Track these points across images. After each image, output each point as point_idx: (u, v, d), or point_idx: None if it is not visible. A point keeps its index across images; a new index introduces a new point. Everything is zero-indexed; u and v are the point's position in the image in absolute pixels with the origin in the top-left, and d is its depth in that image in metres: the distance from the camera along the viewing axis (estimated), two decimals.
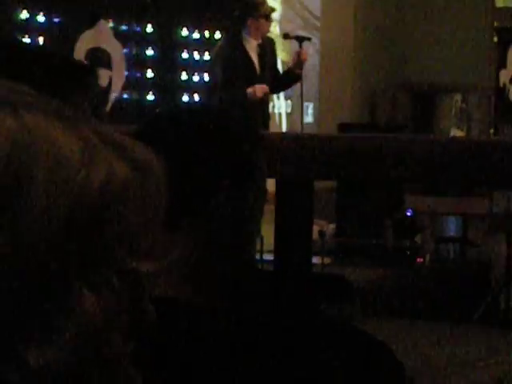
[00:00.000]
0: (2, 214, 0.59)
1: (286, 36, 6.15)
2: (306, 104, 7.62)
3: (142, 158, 0.65)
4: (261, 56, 5.71)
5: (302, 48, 5.82)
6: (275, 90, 6.15)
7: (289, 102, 7.34)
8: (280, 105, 7.30)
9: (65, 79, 0.99)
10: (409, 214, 5.22)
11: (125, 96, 5.58)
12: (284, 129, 7.35)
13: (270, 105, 7.19)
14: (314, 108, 7.58)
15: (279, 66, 7.07)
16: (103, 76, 5.12)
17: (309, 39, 5.99)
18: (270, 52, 5.85)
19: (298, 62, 5.79)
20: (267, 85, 5.72)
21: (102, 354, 0.62)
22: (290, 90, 6.36)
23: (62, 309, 0.60)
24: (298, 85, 6.01)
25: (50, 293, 0.60)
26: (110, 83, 5.28)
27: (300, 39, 5.88)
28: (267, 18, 5.64)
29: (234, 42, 5.67)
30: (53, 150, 0.60)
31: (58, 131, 0.61)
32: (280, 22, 7.24)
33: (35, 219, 0.59)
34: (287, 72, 5.97)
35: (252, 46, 5.67)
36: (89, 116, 0.65)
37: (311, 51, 7.52)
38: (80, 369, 0.61)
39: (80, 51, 5.07)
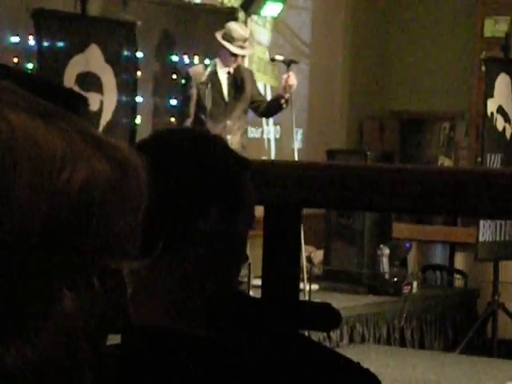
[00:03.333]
0: None
1: (273, 59, 6.26)
2: (295, 130, 7.65)
3: (124, 157, 0.64)
4: (232, 84, 5.80)
5: (289, 72, 5.89)
6: (264, 115, 6.20)
7: (278, 127, 7.36)
8: (269, 130, 7.32)
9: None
10: (408, 245, 5.25)
11: (115, 120, 5.60)
12: (273, 154, 7.37)
13: (259, 130, 7.21)
14: (303, 134, 7.61)
15: (268, 92, 7.11)
16: (94, 100, 5.13)
17: (296, 62, 6.04)
18: (246, 81, 5.91)
19: (286, 86, 5.86)
20: (237, 114, 5.81)
21: (78, 355, 0.61)
22: (279, 115, 6.39)
23: (41, 308, 0.59)
24: (287, 111, 6.04)
25: (29, 292, 0.59)
26: (100, 108, 5.29)
27: (287, 62, 5.93)
28: (235, 55, 5.75)
29: (210, 69, 5.77)
30: (35, 149, 0.60)
31: (41, 129, 0.61)
32: (269, 49, 7.28)
33: (16, 216, 0.59)
34: (276, 97, 6.04)
35: (224, 74, 5.78)
36: (71, 115, 0.64)
37: (300, 77, 7.55)
38: (56, 370, 0.60)
39: (70, 76, 5.08)
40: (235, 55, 5.77)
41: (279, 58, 6.15)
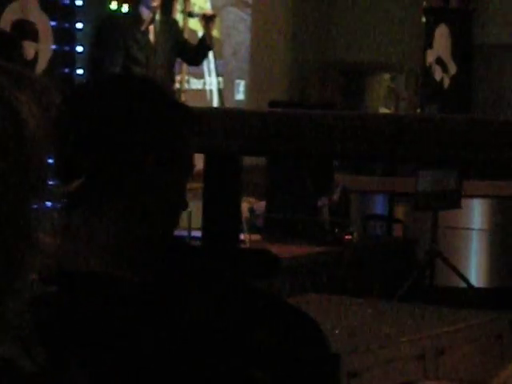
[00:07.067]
0: None
1: (190, 14, 6.26)
2: (237, 81, 7.60)
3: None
4: (156, 32, 5.71)
5: (210, 18, 5.85)
6: (190, 62, 6.17)
7: (220, 78, 7.31)
8: (211, 81, 7.27)
9: None
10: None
11: (53, 70, 5.50)
12: (215, 106, 7.33)
13: (201, 81, 7.16)
14: (246, 85, 7.57)
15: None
16: (29, 49, 5.03)
17: (214, 16, 6.03)
18: (173, 31, 5.86)
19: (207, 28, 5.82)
20: (164, 63, 5.75)
21: None
22: (221, 66, 6.35)
23: None
24: (230, 61, 6.01)
25: None
26: (36, 56, 5.18)
27: (206, 18, 5.95)
28: None
29: (134, 15, 5.68)
30: None
31: None
32: None
33: None
34: (198, 42, 5.98)
35: (148, 20, 5.68)
36: None
37: (242, 28, 7.49)
38: None
39: (6, 23, 4.96)
40: None
41: (196, 13, 6.19)
